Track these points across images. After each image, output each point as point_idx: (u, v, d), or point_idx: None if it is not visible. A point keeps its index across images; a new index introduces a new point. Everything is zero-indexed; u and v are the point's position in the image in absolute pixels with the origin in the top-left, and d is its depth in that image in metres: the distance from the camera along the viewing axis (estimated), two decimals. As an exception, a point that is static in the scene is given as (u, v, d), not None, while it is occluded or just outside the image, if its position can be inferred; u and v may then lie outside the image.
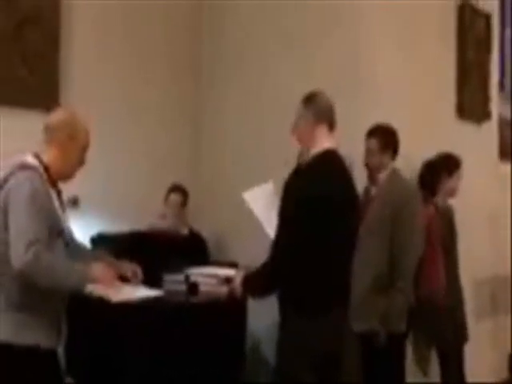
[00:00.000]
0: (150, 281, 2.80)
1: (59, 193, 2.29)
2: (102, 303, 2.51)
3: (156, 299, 2.66)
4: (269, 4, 3.77)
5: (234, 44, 3.93)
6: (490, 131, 4.51)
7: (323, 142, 2.37)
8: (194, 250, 3.38)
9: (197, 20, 4.04)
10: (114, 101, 3.60)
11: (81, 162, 2.32)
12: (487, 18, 4.47)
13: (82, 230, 3.16)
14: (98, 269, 2.21)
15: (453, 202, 3.62)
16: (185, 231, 3.58)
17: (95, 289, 2.26)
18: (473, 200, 3.76)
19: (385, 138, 3.04)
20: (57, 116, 2.32)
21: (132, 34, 3.71)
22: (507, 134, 4.86)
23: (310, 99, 2.43)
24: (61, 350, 2.50)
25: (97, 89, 3.51)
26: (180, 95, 3.97)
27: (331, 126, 2.41)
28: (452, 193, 3.54)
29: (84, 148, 2.31)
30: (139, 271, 2.49)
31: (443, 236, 3.41)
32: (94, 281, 2.18)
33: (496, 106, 4.59)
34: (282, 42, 3.70)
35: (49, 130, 2.26)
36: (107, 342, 2.56)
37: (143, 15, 3.75)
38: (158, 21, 3.84)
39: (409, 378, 3.17)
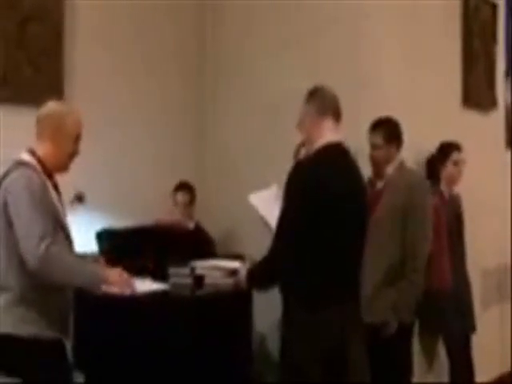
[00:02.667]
0: (156, 274, 2.83)
1: (56, 186, 2.30)
2: (108, 298, 2.54)
3: (161, 292, 2.68)
4: (270, 3, 3.75)
5: (237, 43, 3.93)
6: (496, 120, 4.49)
7: (327, 135, 2.37)
8: (200, 244, 3.40)
9: (200, 19, 4.04)
10: (119, 97, 3.61)
11: (74, 152, 2.32)
12: (493, 6, 4.43)
13: (87, 226, 3.20)
14: (115, 274, 2.25)
15: (459, 190, 3.62)
16: (191, 226, 3.59)
17: (107, 289, 2.27)
18: (479, 189, 3.74)
19: (389, 131, 3.03)
20: (44, 109, 2.33)
21: (136, 31, 3.71)
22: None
23: (313, 94, 2.43)
24: (69, 346, 2.54)
25: (102, 86, 3.52)
26: (185, 92, 3.98)
27: (337, 117, 2.41)
28: (452, 180, 3.54)
29: (75, 138, 2.31)
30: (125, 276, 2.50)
31: (450, 225, 3.41)
32: (107, 283, 2.20)
33: (502, 94, 4.56)
34: (283, 40, 3.69)
35: (38, 123, 2.28)
36: (113, 336, 2.58)
37: (148, 12, 3.75)
38: (162, 18, 3.83)
39: (415, 369, 3.18)
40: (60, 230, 2.20)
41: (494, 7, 4.42)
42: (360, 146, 3.00)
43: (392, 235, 2.91)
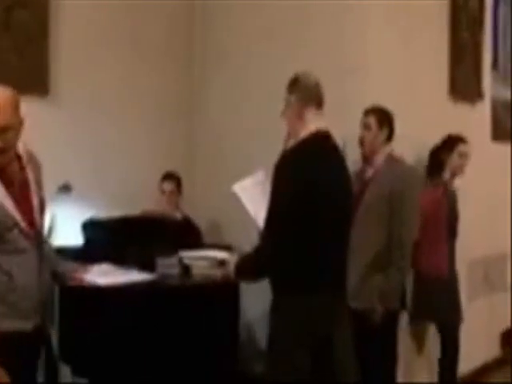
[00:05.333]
0: (143, 265, 2.81)
1: (11, 183, 2.18)
2: (94, 288, 2.53)
3: (149, 282, 2.67)
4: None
5: (225, 34, 3.89)
6: (483, 111, 4.50)
7: (311, 123, 2.37)
8: (188, 234, 3.38)
9: (190, 10, 4.00)
10: (105, 87, 3.57)
11: None
12: (481, -2, 4.43)
13: (74, 216, 3.17)
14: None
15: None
16: (178, 216, 3.58)
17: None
18: (466, 180, 3.76)
19: (383, 116, 3.07)
20: None
21: (125, 19, 3.67)
22: (500, 114, 4.85)
23: (293, 84, 2.43)
24: (54, 337, 2.52)
25: (88, 74, 3.48)
26: (173, 82, 3.94)
27: (319, 104, 2.41)
28: (456, 172, 3.60)
29: None
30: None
31: (448, 217, 3.49)
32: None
33: (489, 86, 4.57)
34: (270, 29, 3.67)
35: None
36: (100, 326, 2.57)
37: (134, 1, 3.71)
38: (152, 6, 3.79)
39: (403, 355, 3.21)
40: (9, 231, 2.13)
41: (482, -1, 4.43)
42: (346, 137, 3.00)
43: (379, 223, 2.94)
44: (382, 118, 3.05)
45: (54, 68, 3.30)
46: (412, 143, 3.59)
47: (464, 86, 4.21)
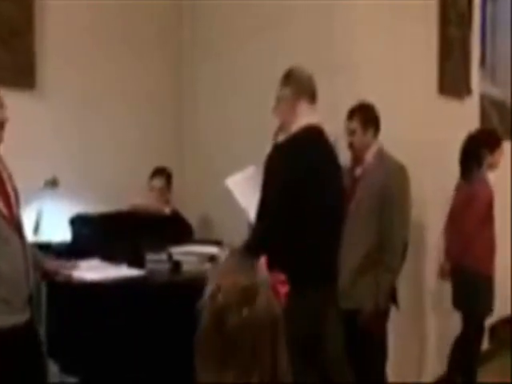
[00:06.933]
0: (133, 261, 2.77)
1: None
2: (82, 284, 2.49)
3: (138, 278, 2.62)
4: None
5: (214, 30, 3.86)
6: (471, 107, 4.51)
7: (304, 117, 2.35)
8: (177, 229, 3.34)
9: (180, 6, 3.96)
10: (93, 80, 3.51)
11: None
12: (470, -6, 4.44)
13: (61, 212, 3.12)
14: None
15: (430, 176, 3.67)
16: (167, 211, 3.54)
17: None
18: (454, 176, 3.76)
19: (365, 117, 3.02)
20: None
21: (112, 15, 3.61)
22: (488, 112, 4.87)
23: (288, 77, 2.43)
24: (42, 331, 2.48)
25: (75, 68, 3.42)
26: (163, 78, 3.90)
27: (312, 98, 2.41)
28: (493, 167, 3.69)
29: None
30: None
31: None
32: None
33: (477, 82, 4.59)
34: (259, 25, 3.63)
35: None
36: (89, 323, 2.52)
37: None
38: (139, 4, 3.73)
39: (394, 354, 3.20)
40: None
41: (471, -4, 4.43)
42: (335, 133, 2.99)
43: (369, 222, 2.92)
44: (366, 119, 3.01)
45: (41, 61, 3.24)
46: (400, 140, 3.59)
47: (453, 81, 4.22)
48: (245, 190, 2.62)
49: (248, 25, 3.70)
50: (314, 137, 2.36)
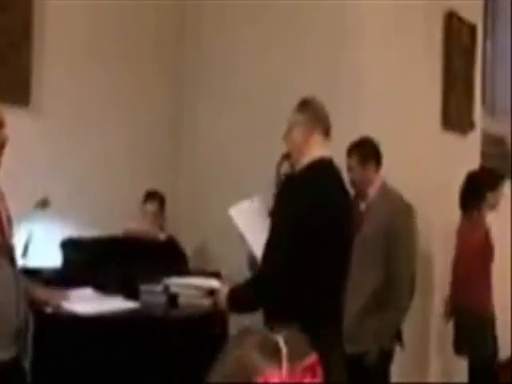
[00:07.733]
0: (125, 290, 2.62)
1: None
2: (71, 317, 2.34)
3: (131, 312, 2.48)
4: (250, 4, 3.63)
5: (216, 46, 3.78)
6: (473, 142, 4.47)
7: (317, 149, 2.24)
8: (172, 257, 3.20)
9: (180, 16, 3.86)
10: (89, 99, 3.40)
11: None
12: (472, 28, 4.42)
13: (51, 233, 2.97)
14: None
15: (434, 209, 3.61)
16: (162, 237, 3.39)
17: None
18: (456, 210, 3.70)
19: (364, 153, 2.94)
20: None
21: (112, 24, 3.50)
22: (488, 148, 4.84)
23: (306, 105, 2.30)
24: (27, 366, 2.31)
25: (72, 86, 3.31)
26: (159, 96, 3.78)
27: (327, 132, 2.29)
28: (494, 206, 3.65)
29: None
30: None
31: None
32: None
33: (480, 117, 4.56)
34: (263, 44, 3.59)
35: None
36: (79, 357, 2.37)
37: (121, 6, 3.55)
38: (137, 12, 3.63)
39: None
40: None
41: (474, 29, 4.41)
42: (338, 166, 2.91)
43: (374, 260, 2.83)
44: (364, 155, 2.93)
45: (36, 78, 3.11)
46: (403, 174, 3.51)
47: (456, 116, 4.18)
48: (250, 222, 2.49)
49: (251, 40, 3.64)
50: (326, 171, 2.24)
